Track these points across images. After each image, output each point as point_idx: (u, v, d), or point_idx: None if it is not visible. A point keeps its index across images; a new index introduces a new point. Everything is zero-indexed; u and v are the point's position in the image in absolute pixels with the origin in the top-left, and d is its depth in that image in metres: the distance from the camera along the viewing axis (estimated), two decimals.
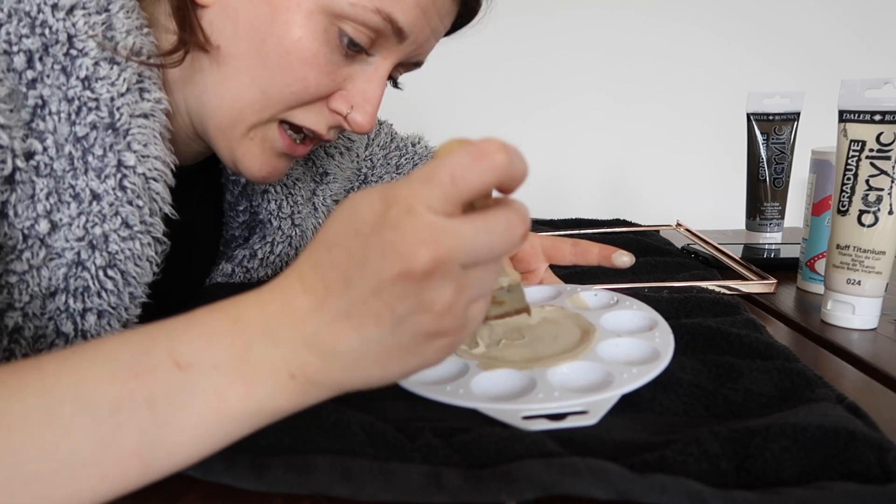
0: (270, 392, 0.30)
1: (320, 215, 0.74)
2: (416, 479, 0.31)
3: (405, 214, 0.28)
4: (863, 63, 1.31)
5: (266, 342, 0.30)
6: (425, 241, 0.28)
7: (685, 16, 1.29)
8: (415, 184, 0.29)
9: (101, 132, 0.46)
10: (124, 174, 0.47)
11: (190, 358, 0.30)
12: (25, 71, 0.43)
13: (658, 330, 0.46)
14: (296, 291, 0.30)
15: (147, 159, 0.48)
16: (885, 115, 0.56)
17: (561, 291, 0.55)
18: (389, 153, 0.84)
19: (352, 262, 0.29)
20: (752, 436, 0.34)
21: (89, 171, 0.46)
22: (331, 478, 0.31)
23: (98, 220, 0.46)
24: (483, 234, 0.29)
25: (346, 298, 0.29)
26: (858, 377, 0.49)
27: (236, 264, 0.66)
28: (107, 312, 0.47)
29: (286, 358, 0.30)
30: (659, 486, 0.29)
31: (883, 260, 0.58)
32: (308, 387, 0.30)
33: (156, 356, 0.30)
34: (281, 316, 0.30)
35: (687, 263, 0.75)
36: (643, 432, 0.37)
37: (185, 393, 0.29)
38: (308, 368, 0.30)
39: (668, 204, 1.33)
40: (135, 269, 0.48)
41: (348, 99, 0.51)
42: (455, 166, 0.28)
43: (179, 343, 0.30)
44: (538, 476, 0.30)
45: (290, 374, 0.30)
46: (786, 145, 0.90)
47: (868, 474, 0.32)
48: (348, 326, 0.29)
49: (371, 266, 0.28)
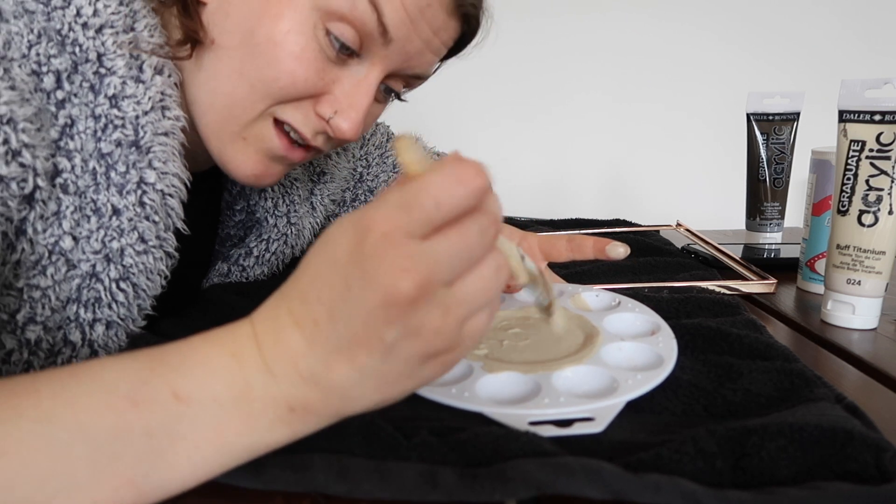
0: (269, 425, 0.30)
1: (318, 215, 0.74)
2: (411, 477, 0.31)
3: (382, 242, 0.28)
4: (863, 63, 1.31)
5: (265, 378, 0.30)
6: (405, 268, 0.28)
7: (685, 16, 1.29)
8: (392, 209, 0.28)
9: (125, 149, 0.47)
10: (144, 191, 0.47)
11: (189, 391, 0.30)
12: (55, 91, 0.44)
13: (661, 335, 0.46)
14: (286, 325, 0.30)
15: (166, 176, 0.49)
16: (885, 115, 0.56)
17: (563, 292, 0.55)
18: (385, 152, 0.84)
19: (336, 295, 0.29)
20: (748, 435, 0.34)
21: (111, 187, 0.46)
22: (327, 476, 0.31)
23: (116, 235, 0.47)
24: (459, 247, 0.29)
25: (336, 332, 0.29)
26: (858, 377, 0.49)
27: (232, 263, 0.67)
28: (115, 323, 0.48)
29: (285, 392, 0.30)
30: (653, 485, 0.29)
31: (883, 260, 0.57)
32: (307, 417, 0.31)
33: (155, 387, 0.30)
34: (276, 351, 0.30)
35: (687, 263, 0.75)
36: (641, 432, 0.37)
37: (184, 425, 0.30)
38: (307, 401, 0.30)
39: (668, 204, 1.33)
40: (146, 282, 0.49)
41: (334, 103, 0.51)
42: (440, 192, 0.28)
43: (178, 375, 0.30)
44: (533, 475, 0.30)
45: (290, 408, 0.30)
46: (786, 145, 0.90)
47: (865, 474, 0.32)
48: (341, 359, 0.29)
49: (355, 298, 0.28)
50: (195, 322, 0.54)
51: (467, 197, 0.28)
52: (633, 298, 0.59)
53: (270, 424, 0.30)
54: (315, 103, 0.51)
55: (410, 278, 0.28)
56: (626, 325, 0.48)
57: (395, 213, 0.28)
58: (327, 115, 0.51)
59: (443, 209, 0.28)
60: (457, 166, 0.29)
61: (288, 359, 0.30)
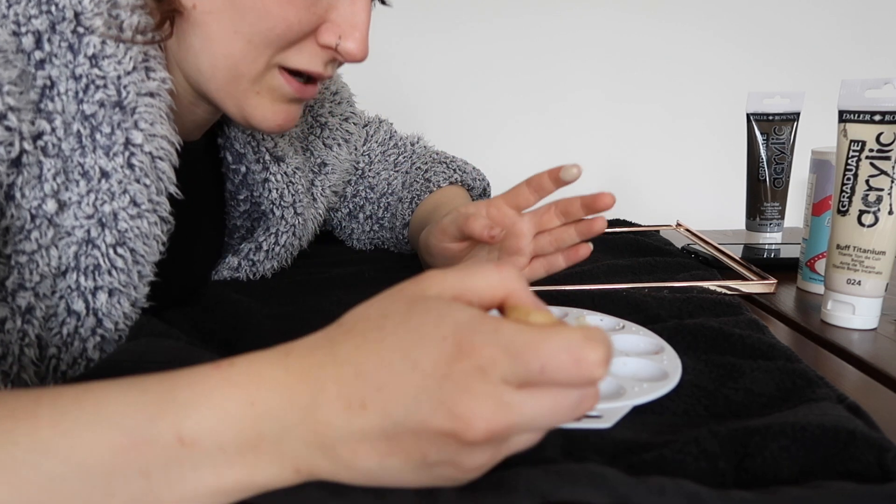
0: (271, 479, 0.29)
1: (319, 206, 0.74)
2: (409, 493, 0.30)
3: (476, 375, 0.26)
4: (863, 63, 1.31)
5: (279, 433, 0.29)
6: (486, 415, 0.26)
7: (685, 16, 1.29)
8: (499, 349, 0.26)
9: (108, 110, 0.46)
10: (132, 152, 0.47)
11: (195, 435, 0.28)
12: (34, 52, 0.44)
13: (665, 354, 0.46)
14: (329, 393, 0.28)
15: (154, 138, 0.48)
16: (885, 115, 0.56)
17: (567, 314, 0.55)
18: (388, 150, 0.84)
19: (401, 395, 0.27)
20: (751, 435, 0.34)
21: (97, 149, 0.46)
22: (322, 493, 0.30)
23: (107, 198, 0.46)
24: (547, 411, 0.27)
25: (382, 427, 0.27)
26: (858, 377, 0.49)
27: (242, 257, 0.67)
28: (117, 291, 0.48)
29: (296, 453, 0.29)
30: (657, 489, 0.29)
31: (883, 260, 0.57)
32: (309, 479, 0.30)
33: (160, 427, 0.28)
34: (305, 413, 0.29)
35: (687, 263, 0.75)
36: (644, 432, 0.37)
37: (184, 468, 0.28)
38: (315, 468, 0.29)
39: (668, 204, 1.33)
40: (143, 247, 0.49)
41: (335, 29, 0.51)
42: (552, 363, 0.26)
43: (187, 418, 0.29)
44: (537, 484, 0.30)
45: (296, 469, 0.29)
46: (786, 145, 0.90)
47: (867, 474, 0.32)
48: (373, 451, 0.28)
49: (421, 411, 0.27)
50: (201, 320, 0.54)
51: (578, 380, 0.27)
52: (633, 298, 0.59)
53: (272, 479, 0.29)
54: (316, 37, 0.51)
55: (487, 425, 0.26)
56: (631, 346, 0.49)
57: (500, 354, 0.26)
58: (333, 43, 0.51)
59: (546, 376, 0.26)
60: (583, 346, 0.26)
61: (315, 424, 0.28)
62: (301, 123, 0.73)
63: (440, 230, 0.63)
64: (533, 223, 0.60)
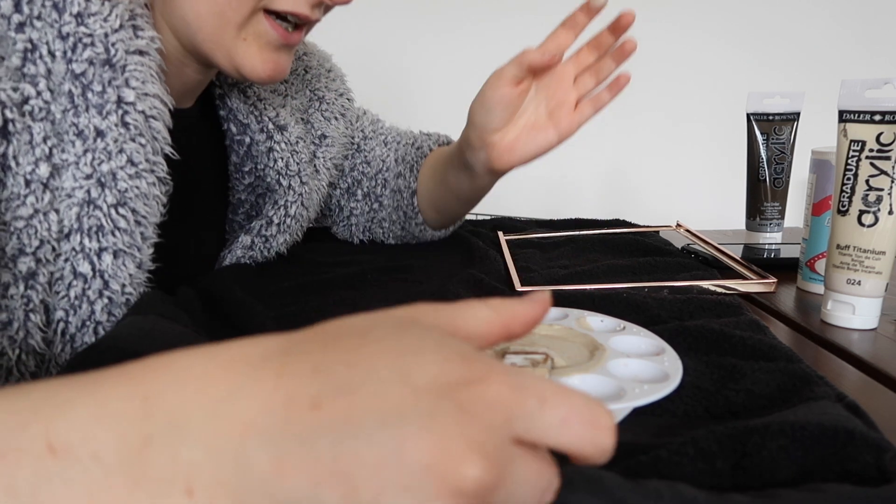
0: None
1: (322, 178, 0.75)
2: None
3: (481, 404, 0.21)
4: (863, 63, 1.31)
5: (173, 436, 0.22)
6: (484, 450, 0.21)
7: (685, 16, 1.29)
8: (511, 384, 0.22)
9: (98, 68, 0.46)
10: (125, 110, 0.48)
11: (67, 440, 0.22)
12: (13, 15, 0.44)
13: (666, 356, 0.46)
14: (263, 387, 0.22)
15: (146, 97, 0.49)
16: (885, 115, 0.56)
17: (568, 314, 0.56)
18: (378, 127, 0.85)
19: (378, 403, 0.21)
20: (749, 434, 0.34)
21: (90, 109, 0.46)
22: None
23: (104, 157, 0.47)
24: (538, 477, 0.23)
25: (336, 436, 0.20)
26: (858, 377, 0.49)
27: (255, 235, 0.67)
28: (122, 252, 0.49)
29: (192, 463, 0.21)
30: (654, 493, 0.29)
31: (883, 260, 0.58)
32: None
33: (30, 434, 0.22)
34: (216, 408, 0.22)
35: (687, 264, 0.75)
36: (643, 434, 0.37)
37: (53, 484, 0.22)
38: (215, 491, 0.21)
39: (668, 204, 1.33)
40: (144, 207, 0.50)
41: None
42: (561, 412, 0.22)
43: (64, 419, 0.23)
44: None
45: (188, 490, 0.21)
46: (786, 145, 0.90)
47: (865, 475, 0.32)
48: (308, 470, 0.20)
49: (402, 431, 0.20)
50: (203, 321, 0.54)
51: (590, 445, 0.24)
52: (634, 299, 0.59)
53: (157, 501, 0.21)
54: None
55: (482, 465, 0.20)
56: (631, 347, 0.49)
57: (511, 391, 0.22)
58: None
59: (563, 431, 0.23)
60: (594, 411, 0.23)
61: (226, 422, 0.21)
62: (300, 96, 0.74)
63: (496, 77, 0.65)
64: (572, 64, 0.66)
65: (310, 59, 0.77)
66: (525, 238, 0.90)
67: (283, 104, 0.69)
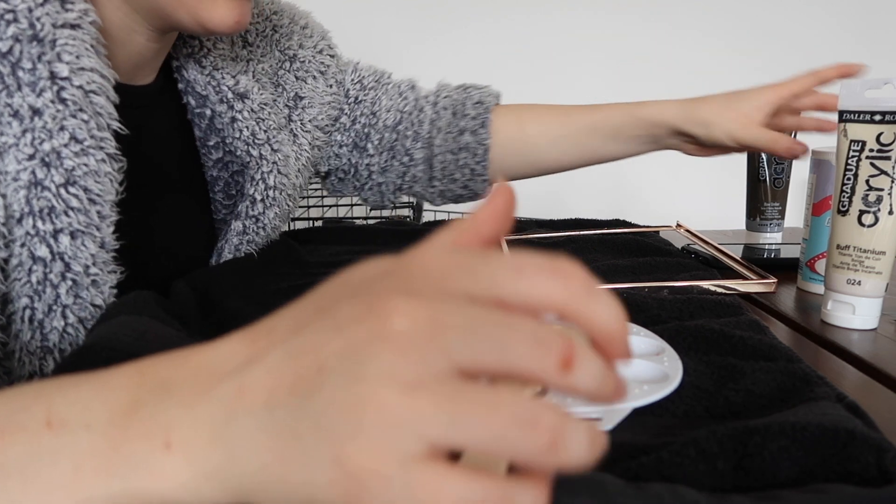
0: (137, 464, 0.23)
1: (302, 141, 0.73)
2: None
3: (420, 270, 0.22)
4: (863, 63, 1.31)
5: (157, 396, 0.23)
6: (411, 302, 0.21)
7: (685, 16, 1.29)
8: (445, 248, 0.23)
9: (25, 44, 0.45)
10: (61, 86, 0.47)
11: (66, 415, 0.23)
12: None
13: (666, 356, 0.46)
14: (230, 342, 0.24)
15: (82, 72, 0.48)
16: (885, 115, 0.56)
17: None
18: (381, 77, 0.82)
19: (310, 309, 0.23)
20: (750, 434, 0.34)
21: (23, 87, 0.45)
22: None
23: (45, 136, 0.46)
24: (495, 325, 0.21)
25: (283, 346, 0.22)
26: (858, 377, 0.49)
27: (244, 218, 0.66)
28: (79, 232, 0.48)
29: (170, 417, 0.23)
30: (656, 496, 0.29)
31: (883, 260, 0.57)
32: (187, 468, 0.22)
33: (32, 412, 0.24)
34: (188, 362, 0.24)
35: (687, 264, 0.75)
36: (643, 434, 0.37)
37: (44, 458, 0.23)
38: (189, 437, 0.22)
39: (668, 204, 1.33)
40: (96, 185, 0.48)
41: None
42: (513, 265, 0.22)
43: (66, 398, 0.24)
44: None
45: (166, 442, 0.22)
46: None
47: (866, 475, 0.32)
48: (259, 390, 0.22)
49: (331, 310, 0.22)
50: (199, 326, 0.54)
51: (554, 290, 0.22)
52: (634, 300, 0.59)
53: (138, 464, 0.23)
54: None
55: (411, 308, 0.21)
56: (631, 347, 0.49)
57: (445, 254, 0.23)
58: None
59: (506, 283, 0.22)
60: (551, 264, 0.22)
61: (194, 372, 0.24)
62: (268, 59, 0.72)
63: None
64: None
65: (280, 18, 0.74)
66: (525, 238, 0.90)
67: (246, 69, 0.67)
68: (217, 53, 0.65)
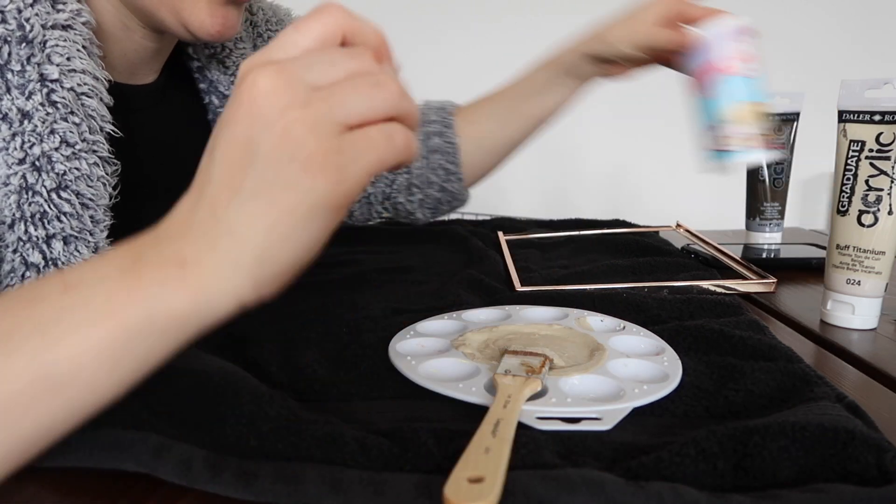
0: (160, 287, 0.29)
1: None
2: (407, 489, 0.30)
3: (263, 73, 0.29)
4: (863, 63, 1.31)
5: (156, 245, 0.30)
6: (263, 61, 0.30)
7: None
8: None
9: (14, 46, 0.45)
10: (51, 89, 0.46)
11: (78, 278, 0.30)
12: None
13: (665, 355, 0.46)
14: (182, 202, 0.31)
15: (74, 74, 0.47)
16: (885, 116, 0.56)
17: (568, 314, 0.56)
18: None
19: (225, 148, 0.30)
20: (750, 434, 0.34)
21: (12, 90, 0.45)
22: (320, 488, 0.30)
23: (34, 140, 0.45)
24: (323, 56, 0.31)
25: (213, 170, 0.30)
26: (858, 377, 0.49)
27: None
28: (72, 238, 0.47)
29: (175, 249, 0.30)
30: (656, 495, 0.29)
31: (883, 260, 0.58)
32: (200, 279, 0.30)
33: (48, 284, 0.30)
34: (173, 220, 0.31)
35: (687, 264, 0.75)
36: (643, 434, 0.37)
37: (75, 310, 0.29)
38: (197, 252, 0.30)
39: (668, 204, 1.33)
40: (89, 190, 0.48)
41: None
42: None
43: (73, 270, 0.30)
44: (534, 490, 0.29)
45: (180, 263, 0.30)
46: (786, 145, 0.90)
47: (866, 475, 0.32)
48: (222, 191, 0.30)
49: (227, 127, 0.30)
50: None
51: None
52: (634, 299, 0.59)
53: (160, 287, 0.29)
54: None
55: (268, 71, 0.29)
56: (631, 347, 0.49)
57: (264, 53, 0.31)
58: None
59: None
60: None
61: (177, 219, 0.31)
62: None
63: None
64: None
65: (263, 14, 0.75)
66: (525, 238, 0.90)
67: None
68: (239, 54, 0.66)
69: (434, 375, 0.43)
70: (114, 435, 0.33)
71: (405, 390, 0.42)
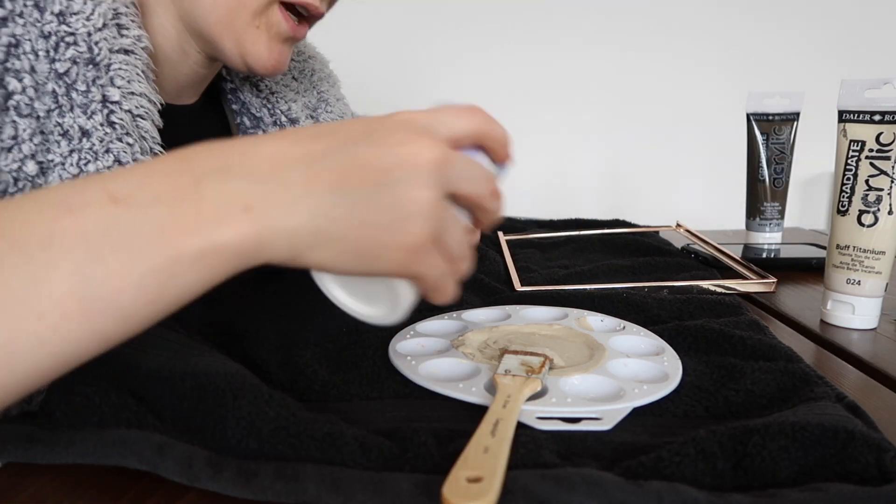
0: (220, 225, 0.28)
1: None
2: (406, 488, 0.30)
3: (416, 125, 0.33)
4: (863, 63, 1.31)
5: (219, 176, 0.29)
6: (431, 142, 0.31)
7: (685, 16, 1.29)
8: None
9: (81, 67, 0.46)
10: (111, 110, 0.47)
11: (127, 192, 0.28)
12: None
13: (665, 355, 0.46)
14: (279, 136, 0.31)
15: (132, 96, 0.49)
16: (885, 115, 0.56)
17: (568, 314, 0.56)
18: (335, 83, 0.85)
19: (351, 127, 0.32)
20: (750, 434, 0.34)
21: (75, 108, 0.46)
22: (319, 487, 0.31)
23: (90, 157, 0.46)
24: (473, 165, 0.35)
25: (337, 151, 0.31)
26: (858, 377, 0.49)
27: None
28: None
29: (243, 189, 0.29)
30: (655, 494, 0.29)
31: (883, 260, 0.58)
32: (264, 229, 0.29)
33: (89, 192, 0.28)
34: (249, 151, 0.30)
35: (687, 264, 0.75)
36: (643, 434, 0.37)
37: (122, 228, 0.27)
38: (268, 200, 0.29)
39: (668, 204, 1.33)
40: None
41: None
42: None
43: (119, 177, 0.28)
44: (533, 489, 0.29)
45: (245, 206, 0.29)
46: (785, 145, 0.90)
47: (866, 475, 0.32)
48: (332, 177, 0.30)
49: (375, 131, 0.32)
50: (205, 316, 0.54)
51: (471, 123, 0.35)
52: (634, 299, 0.59)
53: (221, 224, 0.28)
54: None
55: (437, 150, 0.31)
56: (631, 347, 0.49)
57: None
58: None
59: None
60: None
61: (259, 159, 0.30)
62: (309, 96, 0.75)
63: None
64: None
65: (314, 62, 0.78)
66: (525, 238, 0.90)
67: (295, 99, 0.70)
68: (271, 79, 0.68)
69: (434, 375, 0.43)
70: (117, 433, 0.33)
71: (405, 390, 0.42)
